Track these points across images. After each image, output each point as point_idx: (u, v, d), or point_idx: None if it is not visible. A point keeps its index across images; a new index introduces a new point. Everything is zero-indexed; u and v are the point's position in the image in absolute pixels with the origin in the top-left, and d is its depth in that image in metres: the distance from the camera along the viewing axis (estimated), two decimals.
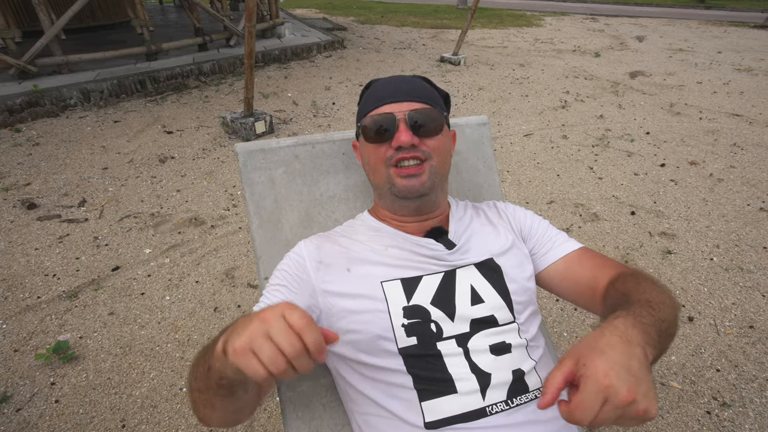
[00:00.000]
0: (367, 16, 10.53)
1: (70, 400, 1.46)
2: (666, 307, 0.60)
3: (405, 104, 0.76)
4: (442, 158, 0.78)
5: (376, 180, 0.81)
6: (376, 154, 0.78)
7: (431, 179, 0.76)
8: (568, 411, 0.46)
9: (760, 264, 2.13)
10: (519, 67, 5.88)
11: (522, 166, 3.10)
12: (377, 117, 0.76)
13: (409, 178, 0.75)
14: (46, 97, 3.73)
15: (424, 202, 0.79)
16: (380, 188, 0.81)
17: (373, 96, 0.80)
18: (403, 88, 0.78)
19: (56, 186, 2.69)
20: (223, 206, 2.55)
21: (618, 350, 0.47)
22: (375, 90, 0.81)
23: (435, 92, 0.83)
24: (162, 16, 8.64)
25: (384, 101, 0.77)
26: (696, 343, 1.70)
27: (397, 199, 0.79)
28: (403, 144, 0.73)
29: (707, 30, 9.38)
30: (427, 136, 0.76)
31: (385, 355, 0.69)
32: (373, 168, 0.80)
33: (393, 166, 0.76)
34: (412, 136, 0.73)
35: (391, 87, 0.78)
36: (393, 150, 0.75)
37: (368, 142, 0.78)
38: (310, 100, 4.35)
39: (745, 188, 2.83)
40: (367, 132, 0.77)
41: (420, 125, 0.74)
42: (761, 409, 1.45)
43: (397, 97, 0.76)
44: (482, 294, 0.73)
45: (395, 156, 0.75)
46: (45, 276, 1.98)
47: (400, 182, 0.75)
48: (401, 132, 0.73)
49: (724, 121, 3.97)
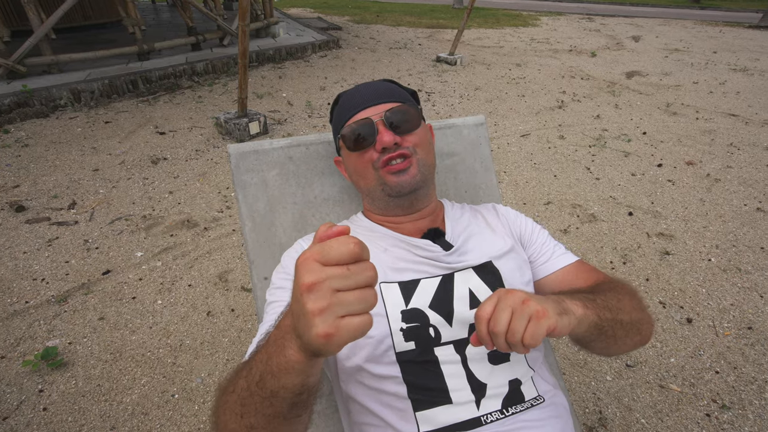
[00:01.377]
0: (363, 15, 10.50)
1: (58, 408, 1.42)
2: (625, 313, 0.65)
3: (378, 107, 0.77)
4: (425, 151, 0.80)
5: (367, 184, 0.80)
6: (361, 161, 0.78)
7: (421, 172, 0.77)
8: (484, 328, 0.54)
9: (758, 264, 2.12)
10: (515, 67, 5.87)
11: (519, 167, 3.09)
12: (354, 125, 0.76)
13: (400, 174, 0.75)
14: (36, 98, 3.67)
15: (418, 196, 0.79)
16: (372, 192, 0.80)
17: (344, 107, 0.81)
18: (372, 92, 0.79)
19: (46, 188, 2.64)
20: (217, 208, 2.51)
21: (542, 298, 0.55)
22: (345, 101, 0.82)
23: (403, 91, 0.84)
24: (154, 15, 8.57)
25: (357, 108, 0.78)
26: (695, 345, 1.68)
27: (391, 198, 0.78)
28: (386, 145, 0.74)
29: (703, 30, 9.43)
30: (407, 133, 0.77)
31: (382, 362, 0.67)
32: (362, 174, 0.80)
33: (382, 168, 0.76)
34: (393, 135, 0.74)
35: (359, 94, 0.80)
36: (378, 153, 0.76)
37: (351, 151, 0.79)
38: (305, 101, 4.32)
39: (742, 188, 2.82)
40: (348, 141, 0.78)
41: (398, 124, 0.76)
42: (760, 411, 1.44)
43: (369, 102, 0.78)
44: (481, 298, 0.71)
45: (382, 157, 0.76)
46: (33, 280, 1.94)
47: (391, 180, 0.76)
48: (382, 134, 0.74)
49: (720, 121, 3.97)
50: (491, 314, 0.53)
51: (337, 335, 0.36)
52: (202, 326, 1.75)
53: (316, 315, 0.36)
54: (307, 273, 0.37)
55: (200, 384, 1.52)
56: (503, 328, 0.51)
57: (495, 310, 0.53)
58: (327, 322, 0.36)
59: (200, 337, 1.70)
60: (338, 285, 0.37)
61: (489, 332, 0.53)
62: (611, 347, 0.68)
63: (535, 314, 0.51)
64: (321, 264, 0.37)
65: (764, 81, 5.29)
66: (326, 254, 0.37)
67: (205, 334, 1.71)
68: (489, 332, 0.53)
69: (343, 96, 0.84)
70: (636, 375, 1.57)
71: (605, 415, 1.44)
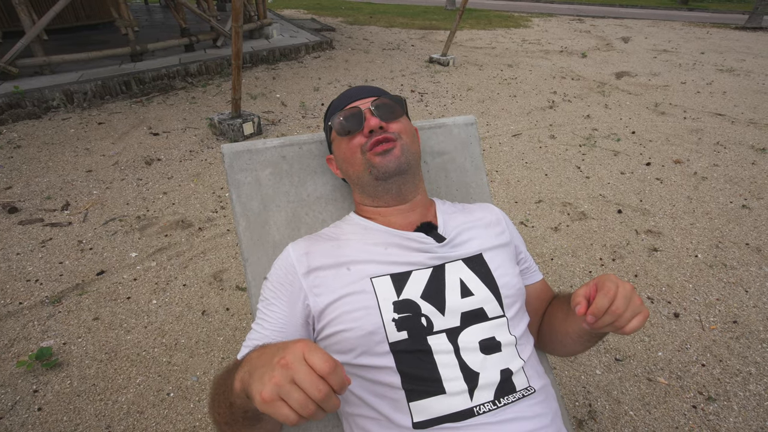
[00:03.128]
0: (356, 16, 10.53)
1: (53, 408, 1.43)
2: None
3: (366, 100, 0.86)
4: (409, 138, 0.85)
5: (355, 170, 0.85)
6: (350, 146, 0.84)
7: (405, 155, 0.82)
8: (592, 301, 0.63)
9: (743, 260, 2.17)
10: (507, 67, 5.92)
11: (510, 166, 3.12)
12: (345, 113, 0.84)
13: (385, 155, 0.80)
14: (28, 99, 3.65)
15: (404, 181, 0.83)
16: (360, 177, 0.84)
17: (334, 107, 0.91)
18: (360, 90, 0.89)
19: (38, 189, 2.63)
20: (211, 208, 2.52)
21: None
22: (335, 103, 0.91)
23: (390, 95, 0.92)
24: (147, 17, 8.53)
25: (346, 102, 0.87)
26: (682, 339, 1.72)
27: (378, 182, 0.82)
28: (372, 127, 0.81)
29: (690, 31, 9.57)
30: (391, 120, 0.84)
31: (376, 353, 0.68)
32: (350, 161, 0.85)
33: (368, 150, 0.81)
34: (379, 120, 0.82)
35: (349, 93, 0.89)
36: (365, 137, 0.82)
37: (341, 136, 0.85)
38: (298, 101, 4.33)
39: (728, 186, 2.88)
40: (338, 127, 0.85)
41: (383, 112, 0.83)
42: (745, 403, 1.48)
43: (357, 97, 0.87)
44: (471, 287, 0.74)
45: (369, 141, 0.81)
46: (27, 281, 1.94)
47: (378, 161, 0.81)
48: (369, 119, 0.82)
49: (707, 121, 4.05)
50: (614, 297, 0.61)
51: (269, 404, 0.45)
52: (197, 325, 1.76)
53: (271, 381, 0.46)
54: (292, 356, 0.47)
55: (195, 382, 1.53)
56: (621, 313, 0.60)
57: (617, 294, 0.61)
58: (272, 392, 0.45)
59: (195, 336, 1.71)
60: (300, 383, 0.46)
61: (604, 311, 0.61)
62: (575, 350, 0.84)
63: (643, 313, 0.62)
64: (305, 364, 0.46)
65: (750, 81, 5.39)
66: (313, 364, 0.47)
67: (200, 333, 1.72)
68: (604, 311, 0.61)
69: (334, 100, 0.92)
70: (625, 369, 1.61)
71: (595, 408, 1.47)
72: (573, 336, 0.78)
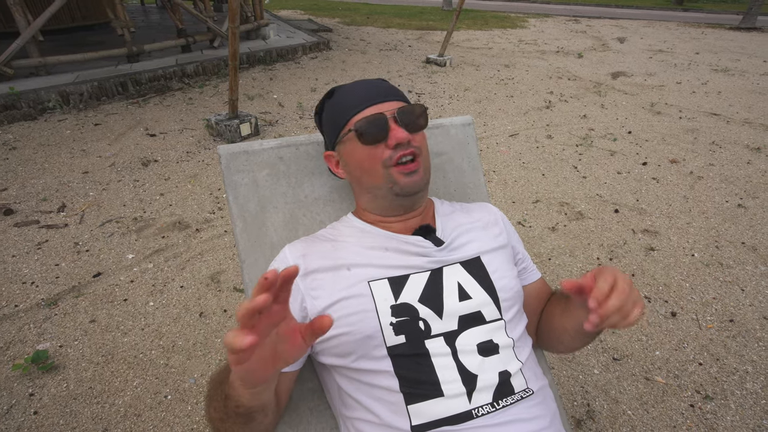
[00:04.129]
0: (353, 17, 10.53)
1: (49, 411, 1.42)
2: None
3: (388, 104, 0.78)
4: (426, 152, 0.82)
5: (373, 181, 0.79)
6: (371, 156, 0.77)
7: (426, 173, 0.80)
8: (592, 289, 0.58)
9: (739, 259, 2.18)
10: (504, 68, 5.94)
11: (508, 166, 3.13)
12: (370, 118, 0.75)
13: (411, 175, 0.76)
14: (23, 100, 3.63)
15: (419, 197, 0.82)
16: (377, 189, 0.79)
17: (347, 102, 0.80)
18: (378, 89, 0.80)
19: (34, 191, 2.62)
20: (208, 209, 2.51)
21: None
22: (346, 96, 0.81)
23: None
24: (143, 17, 8.50)
25: (367, 103, 0.78)
26: (679, 338, 1.73)
27: (396, 197, 0.79)
28: (401, 140, 0.74)
29: (685, 31, 9.61)
30: (417, 131, 0.78)
31: (374, 357, 0.68)
32: (369, 171, 0.78)
33: (393, 166, 0.76)
34: (407, 133, 0.75)
35: (364, 90, 0.79)
36: (390, 150, 0.75)
37: (364, 144, 0.77)
38: (296, 102, 4.33)
39: (724, 185, 2.90)
40: (362, 135, 0.76)
41: (409, 122, 0.77)
42: (741, 401, 1.49)
43: (378, 99, 0.78)
44: (469, 291, 0.73)
45: (395, 155, 0.75)
46: (23, 284, 1.92)
47: (403, 180, 0.76)
48: (396, 130, 0.75)
49: (702, 120, 4.07)
50: (615, 282, 0.58)
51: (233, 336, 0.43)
52: (194, 327, 1.75)
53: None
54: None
55: (193, 385, 1.52)
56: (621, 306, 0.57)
57: (617, 280, 0.58)
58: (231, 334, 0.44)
59: (193, 338, 1.70)
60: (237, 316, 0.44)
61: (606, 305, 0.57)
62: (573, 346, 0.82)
63: (641, 303, 0.59)
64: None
65: (745, 81, 5.42)
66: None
67: (197, 335, 1.72)
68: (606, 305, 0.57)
69: (340, 90, 0.83)
70: (622, 368, 1.61)
71: (593, 407, 1.47)
72: (571, 332, 0.77)
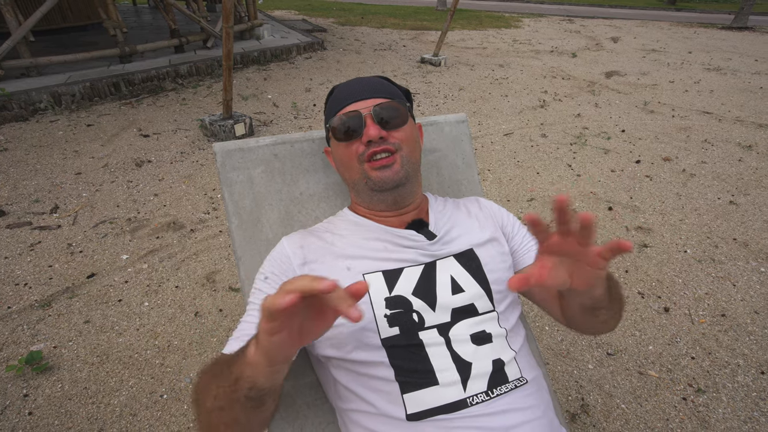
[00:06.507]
0: (347, 17, 10.53)
1: (44, 412, 1.41)
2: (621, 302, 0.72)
3: (369, 101, 0.80)
4: (411, 147, 0.82)
5: (352, 176, 0.83)
6: (347, 152, 0.81)
7: (404, 168, 0.79)
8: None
9: (731, 255, 2.21)
10: (498, 67, 5.96)
11: (503, 165, 3.14)
12: (344, 116, 0.79)
13: (383, 170, 0.78)
14: (14, 101, 3.60)
15: (401, 193, 0.81)
16: (356, 184, 0.83)
17: (336, 99, 0.84)
18: (364, 87, 0.82)
19: (27, 192, 2.60)
20: (203, 210, 2.51)
21: None
22: (338, 93, 0.85)
23: (395, 88, 0.87)
24: (136, 18, 8.45)
25: (348, 101, 0.81)
26: (672, 333, 1.75)
27: (374, 192, 0.81)
28: (372, 138, 0.76)
29: (678, 31, 9.70)
30: (394, 128, 0.79)
31: (368, 348, 0.69)
32: (347, 166, 0.82)
33: (366, 161, 0.79)
34: (379, 129, 0.77)
35: (352, 88, 0.83)
36: (364, 146, 0.78)
37: (339, 141, 0.81)
38: (290, 102, 4.32)
39: (716, 183, 2.93)
40: (336, 132, 0.81)
41: (386, 119, 0.78)
42: (733, 394, 1.51)
43: (360, 96, 0.81)
44: (462, 284, 0.74)
45: (367, 151, 0.78)
46: (16, 285, 1.91)
47: (375, 175, 0.78)
48: (369, 127, 0.77)
49: (695, 119, 4.11)
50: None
51: (274, 300, 0.42)
52: (190, 327, 1.74)
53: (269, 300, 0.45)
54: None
55: (189, 384, 1.52)
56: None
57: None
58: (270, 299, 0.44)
59: (188, 337, 1.70)
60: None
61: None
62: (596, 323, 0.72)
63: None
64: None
65: (736, 80, 5.48)
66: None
67: (193, 334, 1.71)
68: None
69: (337, 88, 0.87)
70: (616, 363, 1.63)
71: (587, 401, 1.48)
72: (574, 307, 0.72)
